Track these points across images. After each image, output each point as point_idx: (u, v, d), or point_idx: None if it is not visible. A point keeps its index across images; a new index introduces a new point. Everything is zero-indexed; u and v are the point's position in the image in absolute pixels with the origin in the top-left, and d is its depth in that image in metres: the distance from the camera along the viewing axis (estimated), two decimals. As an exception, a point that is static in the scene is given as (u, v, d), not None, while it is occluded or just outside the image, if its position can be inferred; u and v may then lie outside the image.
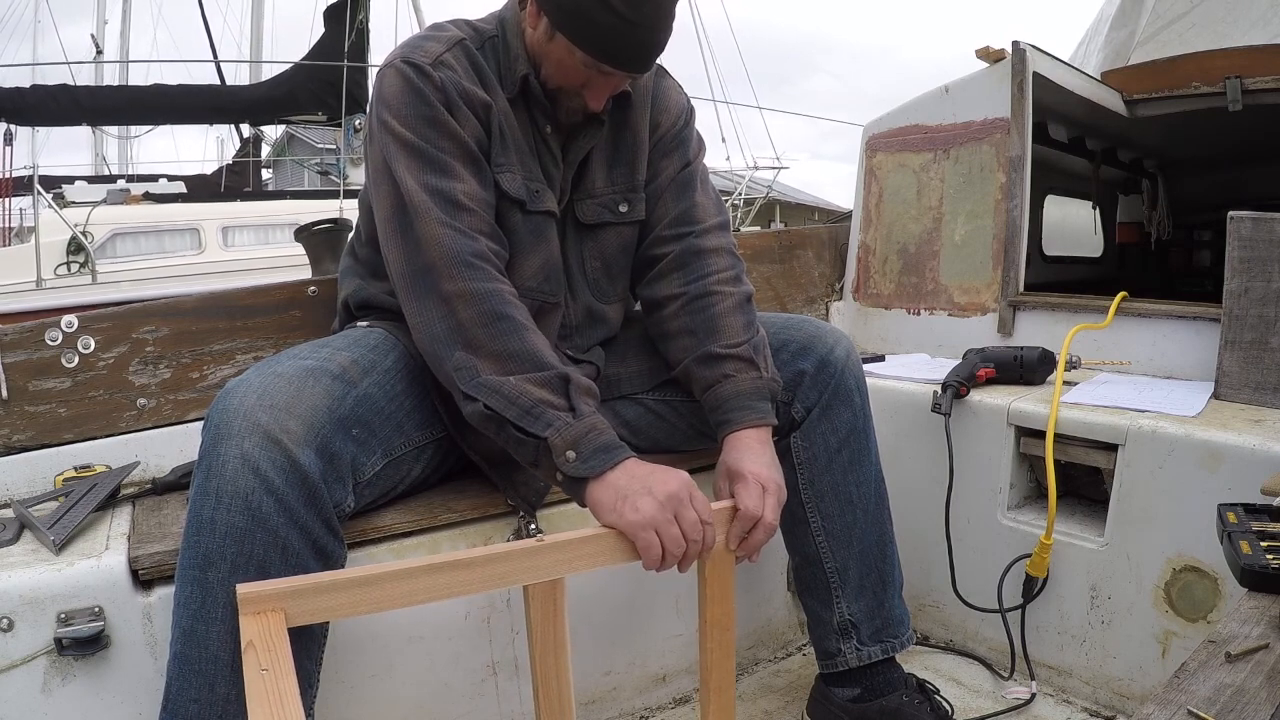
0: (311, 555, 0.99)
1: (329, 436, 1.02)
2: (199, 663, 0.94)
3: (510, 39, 1.23)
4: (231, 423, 0.97)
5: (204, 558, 0.94)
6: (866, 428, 1.35)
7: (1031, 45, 1.93)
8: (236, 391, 1.00)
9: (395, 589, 0.87)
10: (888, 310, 2.16)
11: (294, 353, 1.14)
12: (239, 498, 0.94)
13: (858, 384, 1.34)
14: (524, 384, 1.05)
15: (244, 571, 0.94)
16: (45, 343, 1.35)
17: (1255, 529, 0.89)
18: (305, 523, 0.98)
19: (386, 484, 1.18)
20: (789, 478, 1.31)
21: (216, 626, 0.94)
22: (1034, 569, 1.50)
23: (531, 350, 1.07)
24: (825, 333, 1.36)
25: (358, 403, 1.09)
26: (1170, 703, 0.69)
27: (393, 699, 1.25)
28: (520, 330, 1.08)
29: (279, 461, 0.96)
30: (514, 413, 1.04)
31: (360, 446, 1.08)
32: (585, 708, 1.42)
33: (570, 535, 0.98)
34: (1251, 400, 1.48)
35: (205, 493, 0.95)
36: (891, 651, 1.34)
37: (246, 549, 0.94)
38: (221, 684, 0.94)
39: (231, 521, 0.94)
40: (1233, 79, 2.31)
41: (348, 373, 1.10)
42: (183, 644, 0.95)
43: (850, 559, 1.33)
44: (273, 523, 0.95)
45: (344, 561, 1.06)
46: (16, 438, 1.33)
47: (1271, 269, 1.46)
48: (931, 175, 2.08)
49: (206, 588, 0.94)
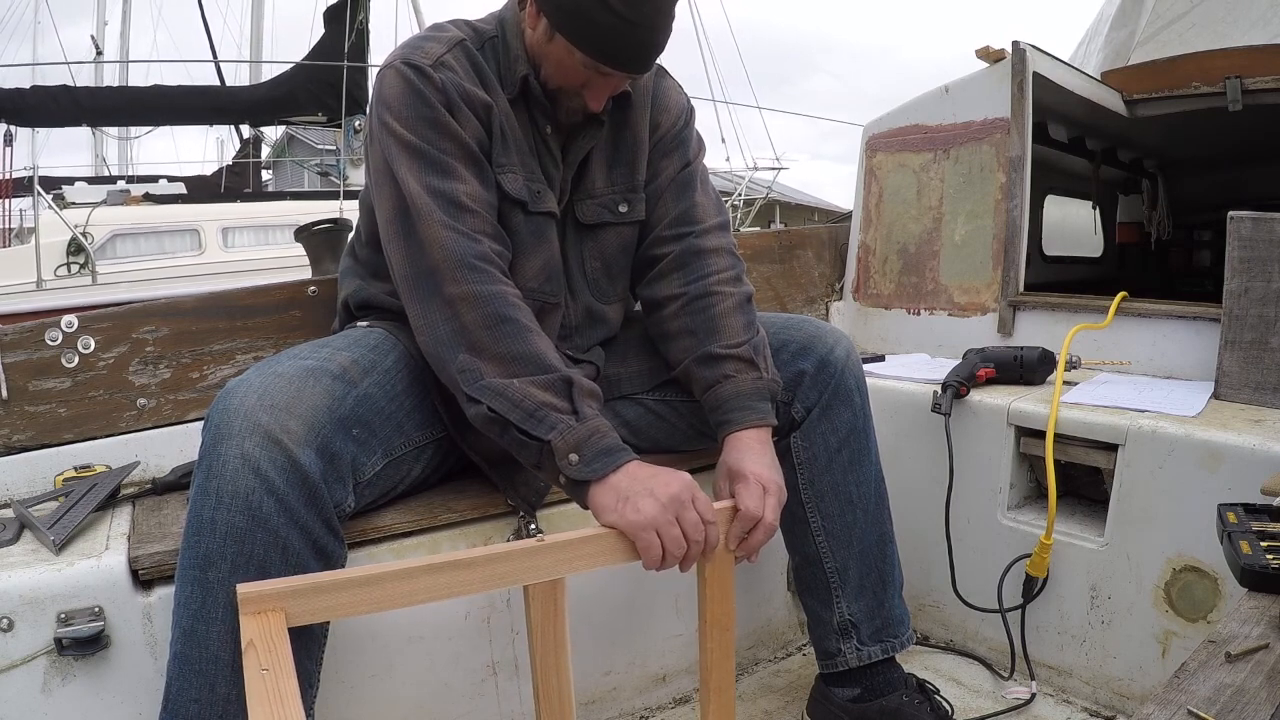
0: (312, 555, 0.99)
1: (329, 436, 1.02)
2: (199, 663, 0.94)
3: (510, 39, 1.23)
4: (232, 423, 0.97)
5: (204, 558, 0.94)
6: (866, 428, 1.35)
7: (1031, 45, 1.93)
8: (237, 391, 1.00)
9: (395, 589, 0.87)
10: (888, 310, 2.16)
11: (294, 353, 1.13)
12: (239, 498, 0.94)
13: (858, 384, 1.34)
14: (528, 387, 1.05)
15: (244, 571, 0.93)
16: (45, 343, 1.35)
17: (1255, 529, 0.89)
18: (305, 523, 0.98)
19: (387, 484, 1.18)
20: (789, 478, 1.30)
21: (217, 626, 0.94)
22: (1034, 569, 1.50)
23: (535, 353, 1.07)
24: (825, 333, 1.36)
25: (358, 402, 1.09)
26: (1170, 703, 0.69)
27: (393, 699, 1.25)
28: (524, 333, 1.08)
29: (279, 461, 0.96)
30: (518, 415, 1.04)
31: (360, 446, 1.08)
32: (585, 707, 1.42)
33: (570, 535, 0.98)
34: (1251, 400, 1.48)
35: (205, 493, 0.95)
36: (891, 651, 1.34)
37: (247, 549, 0.94)
38: (222, 684, 0.94)
39: (232, 521, 0.94)
40: (1233, 79, 2.31)
41: (348, 373, 1.10)
42: (183, 644, 0.95)
43: (850, 559, 1.33)
44: (273, 523, 0.95)
45: (344, 561, 1.06)
46: (16, 438, 1.33)
47: (1271, 269, 1.46)
48: (931, 175, 2.08)
49: (207, 588, 0.94)
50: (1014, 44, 1.93)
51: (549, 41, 1.16)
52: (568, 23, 1.12)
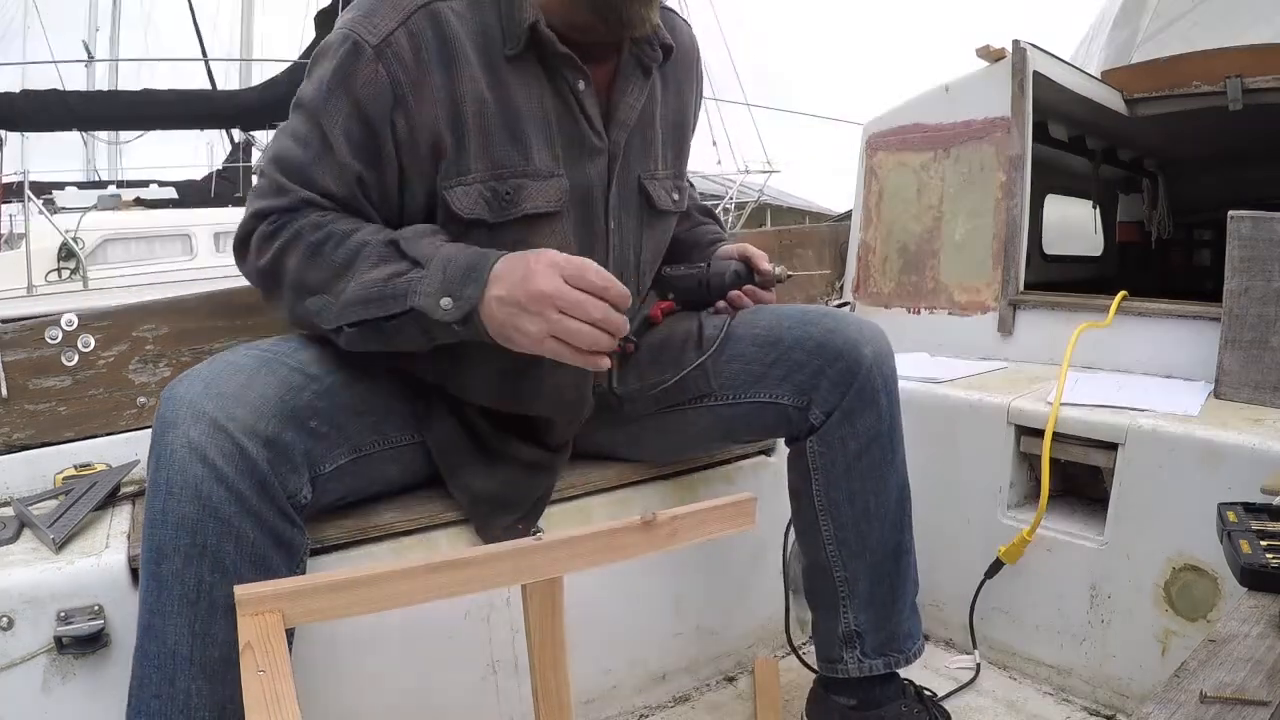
0: (269, 544, 0.96)
1: (279, 426, 0.98)
2: (158, 658, 0.92)
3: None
4: (178, 411, 0.94)
5: (158, 550, 0.92)
6: (893, 433, 1.25)
7: (1032, 44, 1.93)
8: (184, 381, 0.98)
9: (395, 589, 0.87)
10: (888, 309, 2.16)
11: (258, 343, 1.10)
12: (188, 487, 0.91)
13: (886, 385, 1.23)
14: (363, 277, 0.98)
15: (198, 563, 0.91)
16: (45, 341, 1.35)
17: (1255, 528, 0.90)
18: (259, 510, 0.95)
19: (357, 481, 1.13)
20: (804, 482, 1.27)
21: (173, 620, 0.91)
22: (1006, 555, 1.51)
23: (354, 245, 0.99)
24: (849, 327, 1.23)
25: (318, 395, 1.04)
26: (1170, 702, 0.69)
27: (393, 698, 1.25)
28: (339, 239, 1.00)
29: (226, 449, 0.93)
30: (374, 310, 0.97)
31: (318, 439, 1.03)
32: (584, 706, 1.42)
33: (569, 534, 0.98)
34: (1251, 399, 1.48)
35: (156, 485, 0.93)
36: (895, 666, 1.28)
37: (200, 540, 0.91)
38: (182, 678, 0.92)
39: (182, 512, 0.91)
40: (1233, 78, 2.31)
41: (310, 366, 1.06)
42: (142, 638, 0.93)
43: (861, 570, 1.26)
44: (224, 511, 0.92)
45: (306, 549, 1.04)
46: (16, 436, 1.33)
47: (1271, 269, 1.46)
48: (932, 174, 2.08)
49: (161, 581, 0.92)
50: (1014, 43, 1.93)
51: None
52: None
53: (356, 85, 1.01)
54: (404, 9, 1.02)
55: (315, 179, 1.04)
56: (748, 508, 1.04)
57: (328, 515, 1.16)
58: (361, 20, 1.02)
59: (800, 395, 1.23)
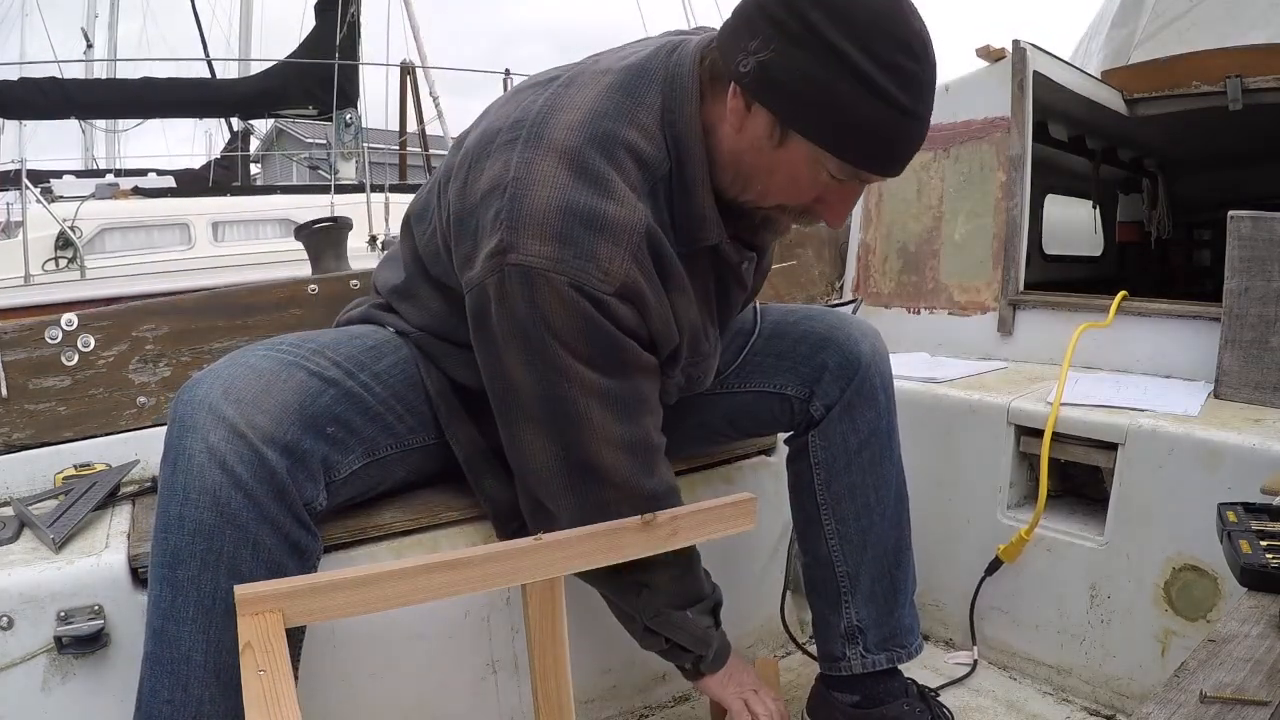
0: (285, 551, 0.96)
1: (299, 434, 0.98)
2: (171, 663, 0.91)
3: (690, 172, 0.99)
4: (196, 415, 0.94)
5: (173, 555, 0.92)
6: (890, 429, 1.30)
7: (1032, 44, 1.94)
8: (202, 382, 0.97)
9: (395, 589, 0.87)
10: (887, 309, 2.16)
11: (275, 342, 1.08)
12: (207, 494, 0.91)
13: (883, 383, 1.29)
14: (699, 617, 1.18)
15: (214, 569, 0.91)
16: (45, 341, 1.35)
17: (1255, 528, 0.90)
18: (276, 518, 0.95)
19: (366, 483, 1.13)
20: (805, 476, 1.30)
21: (188, 626, 0.91)
22: (1005, 554, 1.52)
23: (697, 576, 1.19)
24: (849, 325, 1.29)
25: (336, 400, 1.04)
26: (1170, 702, 0.69)
27: (393, 698, 1.25)
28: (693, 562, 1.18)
29: (246, 456, 0.93)
30: (691, 642, 1.18)
31: (335, 445, 1.04)
32: (584, 706, 1.42)
33: (568, 534, 0.98)
34: (1251, 399, 1.48)
35: (172, 489, 0.92)
36: (897, 661, 1.30)
37: (216, 546, 0.91)
38: (196, 684, 0.91)
39: (200, 518, 0.91)
40: (1233, 78, 2.31)
41: (329, 369, 1.06)
42: (154, 644, 0.92)
43: (863, 565, 1.29)
44: (242, 519, 0.92)
45: (319, 555, 1.04)
46: (16, 436, 1.33)
47: (1271, 268, 1.46)
48: (931, 174, 2.08)
49: (176, 586, 0.92)
50: (1014, 43, 1.93)
51: (777, 148, 0.93)
52: (821, 122, 0.89)
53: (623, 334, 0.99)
54: (624, 238, 0.95)
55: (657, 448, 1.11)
56: (748, 508, 1.04)
57: (328, 515, 1.15)
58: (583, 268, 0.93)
59: (803, 386, 1.27)
